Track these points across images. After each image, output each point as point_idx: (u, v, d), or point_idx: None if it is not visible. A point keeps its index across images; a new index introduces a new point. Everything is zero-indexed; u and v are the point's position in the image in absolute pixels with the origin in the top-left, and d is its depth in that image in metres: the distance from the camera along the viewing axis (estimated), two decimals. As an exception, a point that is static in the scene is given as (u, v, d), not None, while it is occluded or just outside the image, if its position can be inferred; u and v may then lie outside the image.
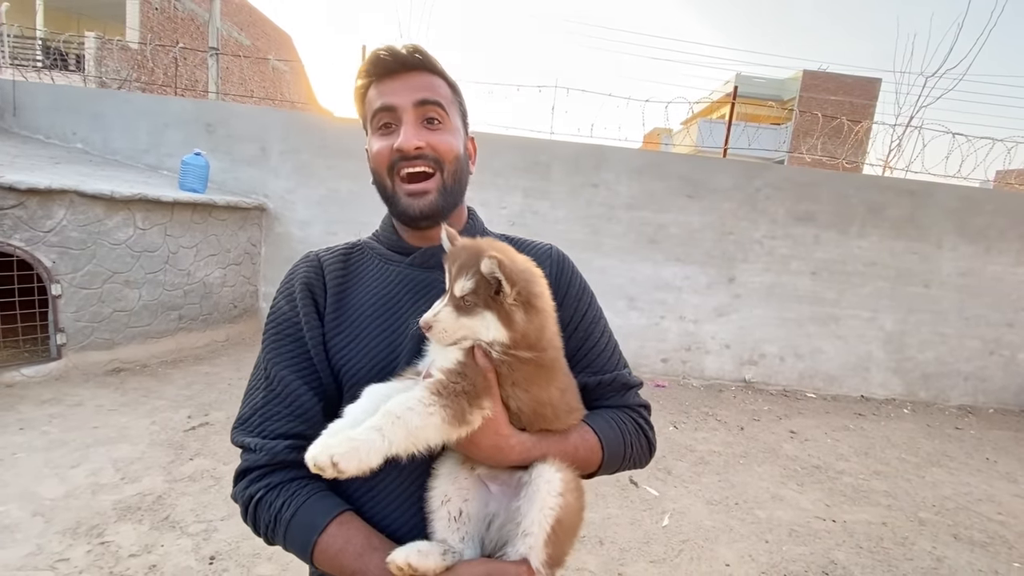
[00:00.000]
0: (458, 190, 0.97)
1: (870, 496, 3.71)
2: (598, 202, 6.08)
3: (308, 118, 6.53)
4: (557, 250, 1.05)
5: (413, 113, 0.90)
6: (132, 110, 6.24)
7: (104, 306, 4.52)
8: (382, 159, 0.92)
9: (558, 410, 0.84)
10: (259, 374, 0.91)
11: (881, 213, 6.01)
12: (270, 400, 0.87)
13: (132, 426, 3.60)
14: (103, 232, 4.45)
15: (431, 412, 0.69)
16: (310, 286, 0.94)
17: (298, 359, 0.89)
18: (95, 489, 2.84)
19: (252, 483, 0.84)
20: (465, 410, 0.72)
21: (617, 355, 1.02)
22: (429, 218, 0.93)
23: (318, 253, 1.01)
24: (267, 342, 0.93)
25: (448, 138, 0.93)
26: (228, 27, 15.63)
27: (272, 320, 0.95)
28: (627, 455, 0.95)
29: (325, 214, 6.22)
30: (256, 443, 0.84)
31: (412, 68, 0.92)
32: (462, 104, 1.01)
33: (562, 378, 0.86)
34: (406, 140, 0.89)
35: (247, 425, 0.88)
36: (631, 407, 1.00)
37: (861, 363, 6.18)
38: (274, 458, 0.83)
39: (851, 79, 23.97)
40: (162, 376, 4.60)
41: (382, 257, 0.99)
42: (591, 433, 0.89)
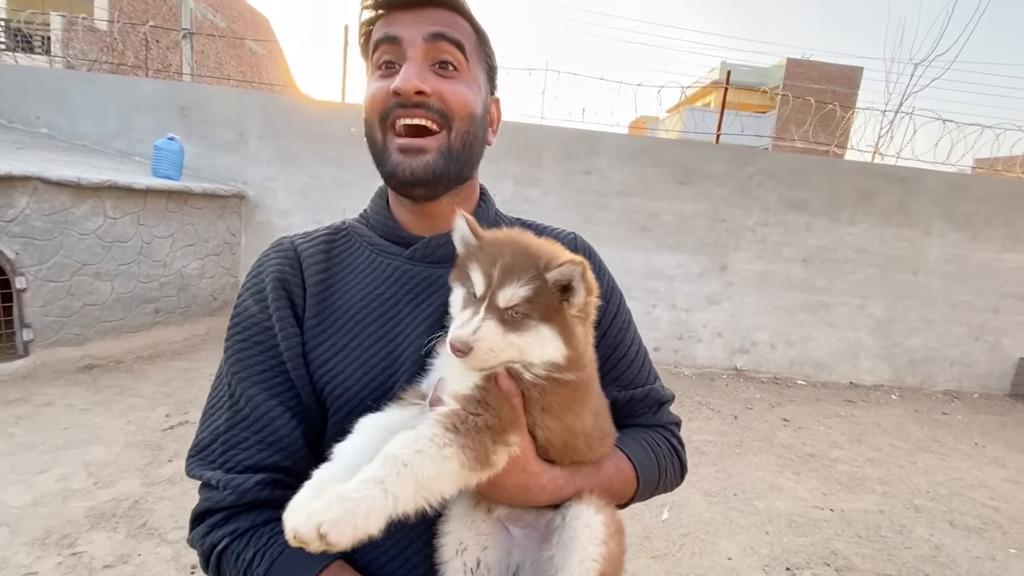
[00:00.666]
0: (467, 158, 0.78)
1: (865, 483, 3.70)
2: (590, 189, 5.96)
3: (289, 101, 6.27)
4: (582, 240, 0.91)
5: (422, 49, 0.72)
6: (100, 93, 5.91)
7: (74, 300, 4.28)
8: (375, 104, 0.73)
9: (591, 439, 0.71)
10: (221, 391, 0.74)
11: (872, 200, 6.00)
12: (236, 424, 0.70)
13: (106, 426, 3.42)
14: (70, 221, 4.20)
15: (447, 455, 0.54)
16: (284, 282, 0.76)
17: (270, 373, 0.72)
18: (66, 495, 2.67)
19: (215, 528, 0.67)
20: (488, 449, 0.57)
21: (648, 365, 0.89)
22: (423, 184, 0.74)
23: (293, 240, 0.82)
24: (231, 351, 0.75)
25: (462, 89, 0.74)
26: (202, 8, 15.03)
27: (237, 323, 0.76)
28: (661, 481, 0.84)
29: (307, 202, 6.00)
30: (219, 478, 0.68)
31: (432, 3, 0.73)
32: (490, 57, 0.82)
33: (596, 401, 0.72)
34: (405, 79, 0.70)
35: (207, 454, 0.71)
36: (664, 426, 0.89)
37: (850, 350, 6.21)
38: (241, 497, 0.66)
39: (833, 67, 24.16)
40: (138, 373, 4.39)
41: (374, 247, 0.81)
42: (625, 461, 0.77)
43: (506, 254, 0.62)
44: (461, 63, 0.74)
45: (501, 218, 0.92)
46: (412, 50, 0.71)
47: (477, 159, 0.82)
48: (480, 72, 0.80)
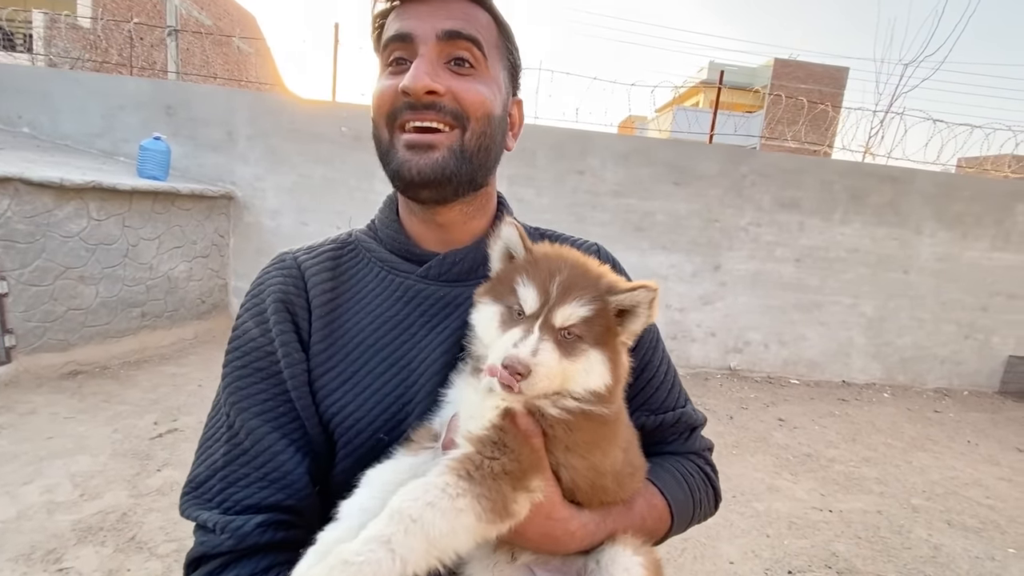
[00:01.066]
0: (482, 162, 0.71)
1: (862, 483, 3.71)
2: (584, 189, 5.93)
3: (278, 100, 6.17)
4: (605, 251, 0.85)
5: (435, 48, 0.66)
6: (83, 91, 5.77)
7: (57, 304, 4.16)
8: (383, 103, 0.68)
9: (621, 476, 0.65)
10: (219, 421, 0.67)
11: (864, 199, 6.04)
12: (234, 459, 0.64)
13: (92, 435, 3.32)
14: (53, 224, 4.08)
15: (460, 507, 0.49)
16: (288, 303, 0.69)
17: (272, 403, 0.66)
18: (51, 508, 2.57)
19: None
20: (507, 497, 0.51)
21: (678, 387, 0.84)
22: (431, 185, 0.68)
23: (296, 255, 0.75)
24: (230, 378, 0.68)
25: (479, 88, 0.68)
26: (187, 6, 14.80)
27: (236, 347, 0.69)
28: (695, 515, 0.79)
29: (297, 202, 5.90)
30: (215, 520, 0.61)
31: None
32: (512, 54, 0.75)
33: (625, 433, 0.66)
34: (415, 77, 0.64)
35: (204, 492, 0.64)
36: (697, 452, 0.84)
37: (842, 349, 6.25)
38: (241, 541, 0.60)
39: (819, 67, 24.45)
40: (124, 379, 4.28)
41: (384, 264, 0.74)
42: (659, 497, 0.72)
43: (564, 270, 0.56)
44: (478, 59, 0.68)
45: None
46: (424, 47, 0.66)
47: (494, 164, 0.75)
48: (500, 70, 0.73)
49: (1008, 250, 6.15)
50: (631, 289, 0.56)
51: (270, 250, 5.93)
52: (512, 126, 0.79)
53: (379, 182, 5.80)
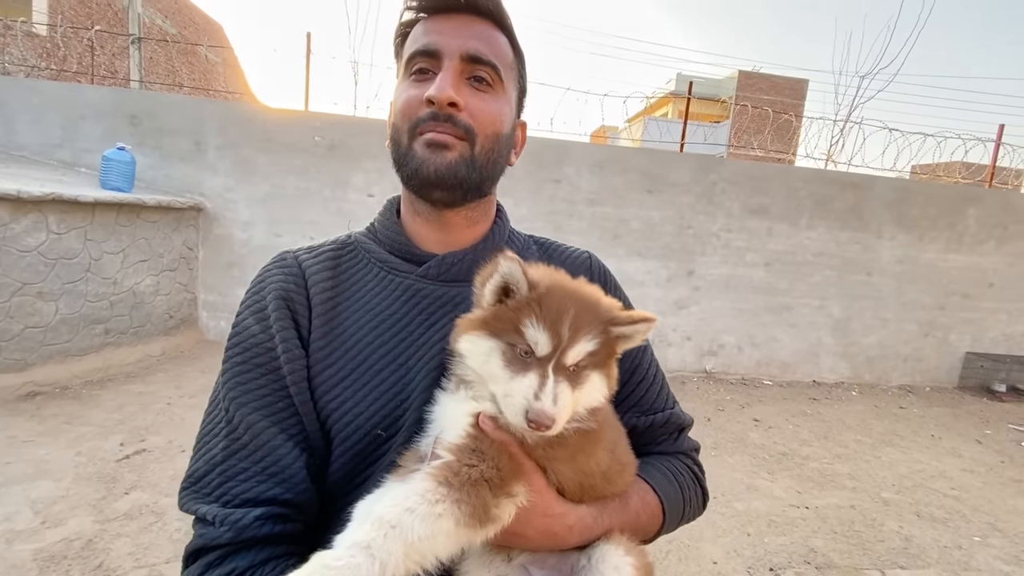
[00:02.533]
0: (489, 174, 0.76)
1: (835, 480, 3.81)
2: (560, 197, 5.99)
3: (248, 109, 6.06)
4: (597, 260, 0.89)
5: (458, 65, 0.70)
6: (41, 100, 5.55)
7: (13, 322, 3.96)
8: (410, 111, 0.72)
9: (610, 473, 0.67)
10: (218, 416, 0.68)
11: (827, 205, 6.27)
12: (233, 453, 0.65)
13: (53, 459, 3.16)
14: (9, 237, 3.90)
15: (439, 512, 0.49)
16: (288, 300, 0.71)
17: (271, 398, 0.67)
18: (10, 537, 2.43)
19: (210, 568, 0.62)
20: (487, 503, 0.53)
21: (666, 389, 0.87)
22: (445, 185, 0.72)
23: (296, 254, 0.77)
24: (230, 374, 0.69)
25: (493, 106, 0.73)
26: (151, 14, 14.44)
27: (236, 344, 0.71)
28: (685, 512, 0.81)
29: (269, 214, 5.78)
30: (214, 512, 0.62)
31: (476, 12, 0.72)
32: (523, 76, 0.81)
33: (609, 434, 0.68)
34: (441, 88, 0.68)
35: (203, 486, 0.65)
36: (685, 452, 0.86)
37: (812, 349, 6.44)
38: (240, 534, 0.61)
39: (781, 79, 25.45)
40: (87, 399, 4.09)
41: (383, 265, 0.77)
42: (651, 493, 0.74)
43: (571, 309, 0.57)
44: (495, 80, 0.74)
45: (515, 235, 0.89)
46: (449, 63, 0.71)
47: (498, 176, 0.80)
48: (512, 91, 0.79)
49: (961, 252, 6.47)
50: (632, 322, 0.58)
51: (242, 263, 5.79)
52: (515, 144, 0.84)
53: (352, 191, 5.74)
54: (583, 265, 0.86)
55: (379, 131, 5.75)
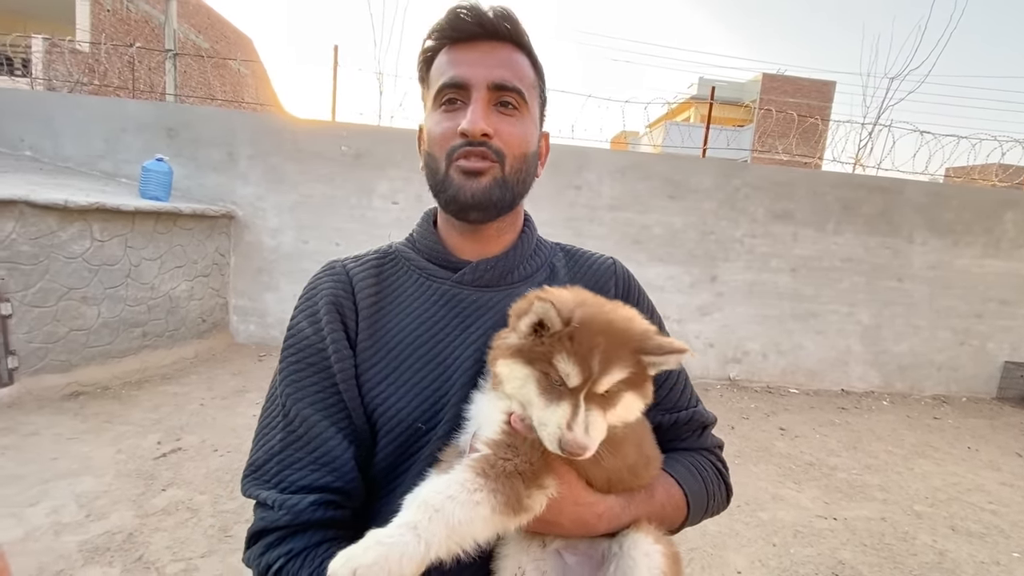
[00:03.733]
0: (520, 190, 0.82)
1: (865, 491, 3.73)
2: (581, 203, 6.02)
3: (277, 120, 6.26)
4: (622, 266, 0.92)
5: (486, 95, 0.75)
6: (85, 114, 5.84)
7: (60, 325, 4.17)
8: (445, 142, 0.77)
9: (636, 467, 0.72)
10: (275, 410, 0.75)
11: (855, 210, 6.15)
12: (290, 444, 0.72)
13: (95, 456, 3.31)
14: (57, 245, 4.11)
15: (477, 500, 0.55)
16: (338, 305, 0.78)
17: (323, 394, 0.74)
18: (57, 529, 2.56)
19: (270, 548, 0.68)
20: (520, 494, 0.57)
21: (690, 389, 0.91)
22: (481, 208, 0.77)
23: (344, 263, 0.84)
24: (286, 372, 0.76)
25: (520, 129, 0.79)
26: (185, 29, 15.03)
27: (291, 345, 0.78)
28: (709, 506, 0.85)
29: (297, 221, 5.95)
30: (274, 498, 0.69)
31: (496, 37, 0.77)
32: (543, 91, 0.86)
33: (636, 431, 0.72)
34: (473, 123, 0.73)
35: (262, 473, 0.72)
36: (709, 449, 0.90)
37: (840, 357, 6.30)
38: (296, 517, 0.67)
39: (807, 82, 24.97)
40: (126, 399, 4.27)
41: (422, 272, 0.83)
42: (676, 487, 0.78)
43: (602, 342, 0.60)
44: (520, 103, 0.78)
45: (542, 244, 0.93)
46: (477, 93, 0.75)
47: (527, 191, 0.86)
48: (536, 108, 0.83)
49: (999, 257, 6.25)
50: (663, 352, 0.61)
51: (271, 269, 5.98)
52: (540, 156, 0.89)
53: (378, 198, 5.87)
54: (608, 271, 0.89)
55: (403, 140, 5.87)
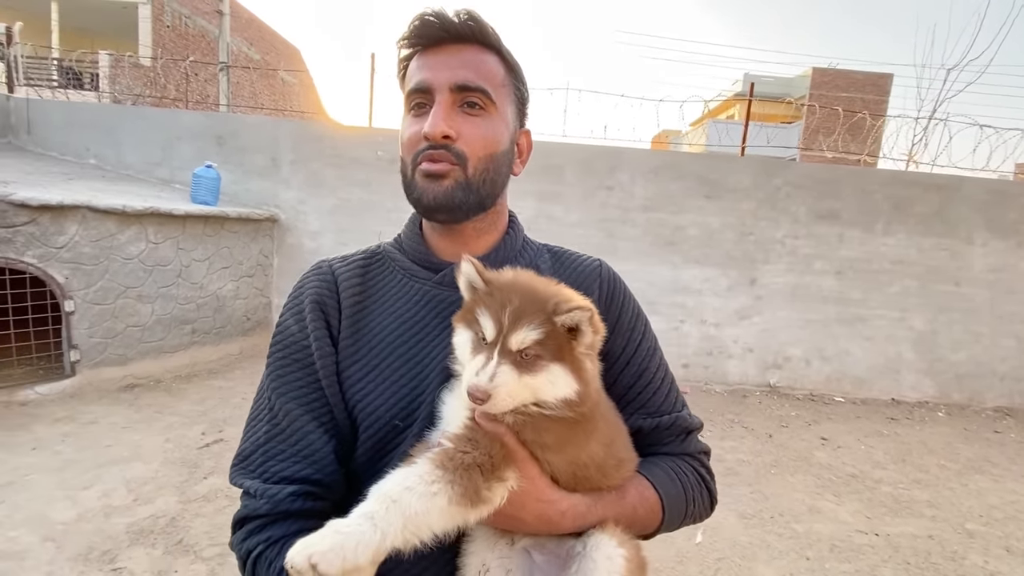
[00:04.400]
0: (488, 190, 0.81)
1: (912, 506, 3.52)
2: (613, 204, 5.95)
3: (318, 127, 6.50)
4: (608, 267, 0.91)
5: (449, 96, 0.77)
6: (144, 125, 6.25)
7: (117, 322, 4.48)
8: (411, 145, 0.79)
9: (604, 467, 0.71)
10: (262, 404, 0.79)
11: (907, 209, 5.81)
12: (274, 436, 0.75)
13: (145, 444, 3.54)
14: (115, 247, 4.42)
15: (434, 492, 0.56)
16: (322, 304, 0.80)
17: (307, 389, 0.76)
18: (108, 512, 2.76)
19: (251, 535, 0.71)
20: (478, 486, 0.58)
21: (675, 393, 0.88)
22: (445, 210, 0.78)
23: (331, 263, 0.86)
24: (272, 367, 0.80)
25: (485, 130, 0.79)
26: (238, 42, 15.81)
27: (278, 341, 0.81)
28: (688, 512, 0.82)
29: (336, 224, 6.16)
30: (256, 487, 0.72)
31: (461, 40, 0.78)
32: (519, 88, 0.86)
33: (604, 430, 0.72)
34: (433, 125, 0.75)
35: (248, 464, 0.75)
36: (691, 455, 0.87)
37: (891, 365, 5.96)
38: (276, 507, 0.71)
39: (861, 75, 23.72)
40: (176, 391, 4.54)
41: (406, 272, 0.85)
42: (651, 490, 0.77)
43: (515, 299, 0.63)
44: (487, 103, 0.78)
45: (528, 244, 0.93)
46: (440, 96, 0.76)
47: (500, 190, 0.85)
48: (508, 106, 0.83)
49: (1072, 259, 5.76)
50: (569, 310, 0.62)
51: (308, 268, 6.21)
52: (520, 154, 0.89)
53: (413, 202, 5.99)
54: (593, 273, 0.88)
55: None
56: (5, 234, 3.86)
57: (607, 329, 0.83)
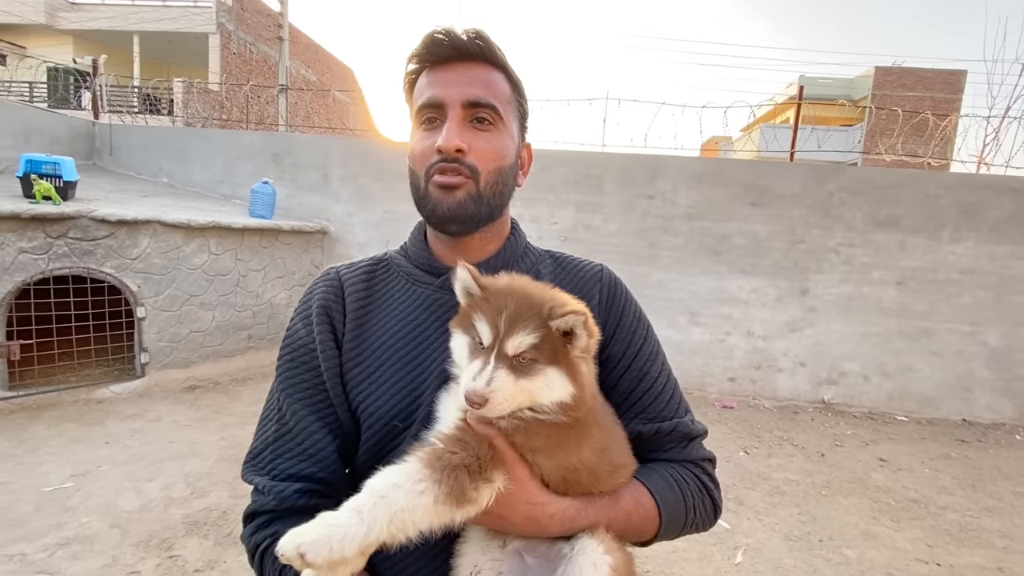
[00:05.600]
0: (498, 202, 0.84)
1: (981, 536, 3.24)
2: (654, 213, 5.86)
3: (365, 144, 6.80)
4: (608, 272, 0.91)
5: (461, 112, 0.80)
6: (209, 145, 6.75)
7: (182, 327, 4.83)
8: (423, 159, 0.82)
9: (597, 472, 0.71)
10: (272, 405, 0.83)
11: (978, 215, 5.40)
12: (281, 436, 0.79)
13: (203, 441, 3.78)
14: (182, 258, 4.78)
15: (421, 490, 0.57)
16: (327, 308, 0.84)
17: (312, 391, 0.80)
18: (167, 503, 2.97)
19: (259, 529, 0.76)
20: (465, 486, 0.59)
21: (677, 398, 0.87)
22: (458, 221, 0.81)
23: (339, 270, 0.90)
24: (281, 369, 0.84)
25: (494, 144, 0.82)
26: (296, 65, 16.79)
27: (287, 345, 0.85)
28: (688, 520, 0.81)
29: (382, 235, 6.39)
30: (264, 484, 0.76)
31: (470, 57, 0.81)
32: (522, 104, 0.89)
33: (599, 435, 0.71)
34: (447, 139, 0.78)
35: (258, 461, 0.80)
36: (694, 462, 0.85)
37: (961, 383, 5.51)
38: (281, 503, 0.75)
39: (931, 72, 22.20)
40: (232, 393, 4.83)
41: (409, 277, 0.88)
42: (647, 496, 0.76)
43: (511, 303, 0.64)
44: (495, 118, 0.82)
45: (530, 250, 0.94)
46: (452, 111, 0.80)
47: (507, 201, 0.88)
48: (513, 121, 0.86)
49: None
50: (564, 314, 0.63)
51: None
52: (522, 166, 0.92)
53: (454, 213, 6.14)
54: (594, 278, 0.89)
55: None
56: (88, 247, 4.27)
57: (608, 333, 0.84)
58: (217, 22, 14.63)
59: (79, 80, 12.31)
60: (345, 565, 0.56)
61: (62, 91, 13.08)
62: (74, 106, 11.98)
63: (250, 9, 15.98)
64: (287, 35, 11.58)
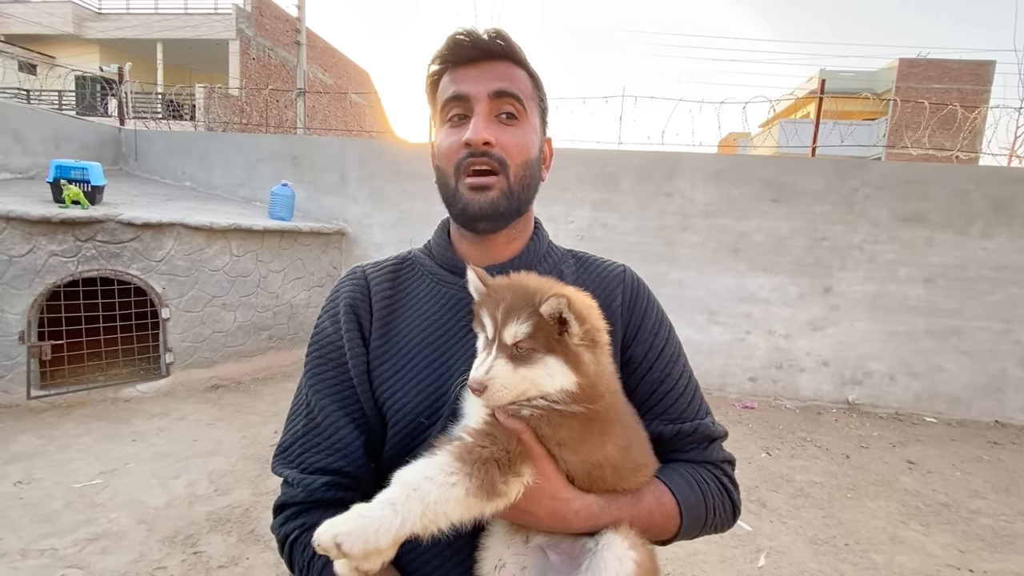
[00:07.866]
0: (526, 196, 0.86)
1: (1015, 542, 3.13)
2: (672, 211, 5.80)
3: (381, 145, 6.85)
4: (631, 273, 0.92)
5: (487, 105, 0.80)
6: (230, 149, 6.87)
7: (205, 327, 4.92)
8: (452, 155, 0.82)
9: (621, 470, 0.71)
10: (300, 400, 0.85)
11: (1010, 209, 5.22)
12: (310, 430, 0.81)
13: (226, 440, 3.85)
14: (204, 260, 4.87)
15: (452, 482, 0.58)
16: (354, 307, 0.86)
17: (340, 387, 0.82)
18: (192, 500, 3.03)
19: (288, 520, 0.78)
20: (495, 480, 0.60)
21: (698, 400, 0.87)
22: (489, 219, 0.82)
23: (365, 268, 0.92)
24: (309, 366, 0.86)
25: (521, 137, 0.83)
26: (313, 69, 17.01)
27: (316, 342, 0.87)
28: (708, 521, 0.81)
29: (398, 235, 6.44)
30: (294, 476, 0.79)
31: (493, 56, 0.82)
32: (543, 100, 0.90)
33: (622, 432, 0.72)
34: (475, 132, 0.78)
35: (287, 455, 0.82)
36: (714, 463, 0.85)
37: (993, 383, 5.34)
38: (310, 495, 0.77)
39: (957, 64, 21.57)
40: (253, 392, 4.91)
41: (434, 276, 0.89)
42: (668, 495, 0.76)
43: (508, 296, 0.66)
44: (520, 112, 0.83)
45: (553, 249, 0.95)
46: (479, 105, 0.80)
47: (534, 195, 0.89)
48: (536, 116, 0.87)
49: None
50: (547, 299, 0.64)
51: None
52: (544, 160, 0.92)
53: (470, 214, 6.15)
54: (616, 278, 0.89)
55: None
56: (114, 249, 4.38)
57: (630, 335, 0.84)
58: (237, 28, 14.90)
59: (105, 88, 12.67)
60: (379, 555, 0.57)
61: (89, 98, 13.46)
62: (101, 113, 12.33)
63: (268, 15, 16.25)
64: (304, 39, 11.75)
